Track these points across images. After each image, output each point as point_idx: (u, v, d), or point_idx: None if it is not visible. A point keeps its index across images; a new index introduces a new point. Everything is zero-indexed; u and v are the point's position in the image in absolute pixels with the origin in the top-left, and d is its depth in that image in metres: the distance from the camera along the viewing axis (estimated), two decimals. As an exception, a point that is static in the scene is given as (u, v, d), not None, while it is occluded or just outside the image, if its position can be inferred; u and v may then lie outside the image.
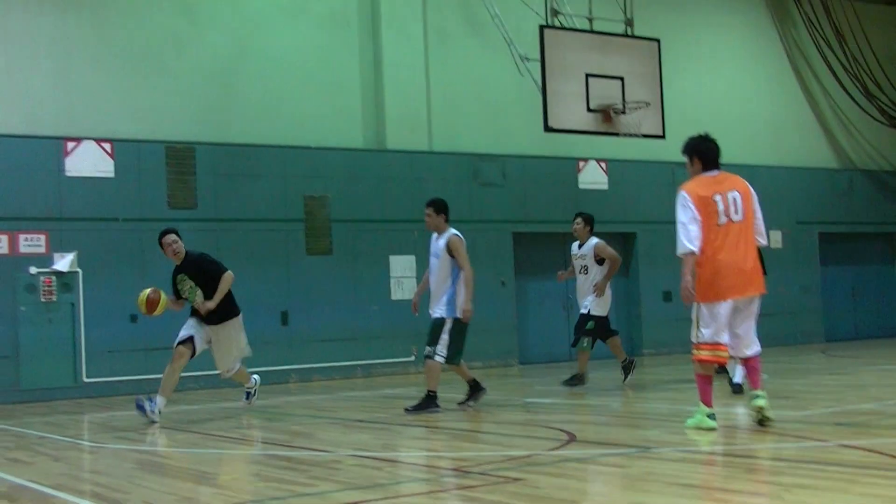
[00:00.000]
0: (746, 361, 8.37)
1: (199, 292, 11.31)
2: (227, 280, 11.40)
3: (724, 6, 23.14)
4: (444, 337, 10.71)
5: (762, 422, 8.09)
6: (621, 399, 12.25)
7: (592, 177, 20.69)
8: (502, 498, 5.89)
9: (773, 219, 21.57)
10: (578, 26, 17.28)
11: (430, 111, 19.25)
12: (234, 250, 16.86)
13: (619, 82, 16.78)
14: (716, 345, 8.12)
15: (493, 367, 18.40)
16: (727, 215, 8.14)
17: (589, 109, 16.52)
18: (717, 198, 8.19)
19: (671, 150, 20.72)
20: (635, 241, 21.16)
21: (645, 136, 17.15)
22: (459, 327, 10.76)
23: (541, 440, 8.45)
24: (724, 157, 21.69)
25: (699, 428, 8.21)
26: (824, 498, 5.52)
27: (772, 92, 23.55)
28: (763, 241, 8.42)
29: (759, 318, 8.39)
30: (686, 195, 8.24)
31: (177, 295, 11.48)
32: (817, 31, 23.86)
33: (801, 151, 23.62)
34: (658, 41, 17.54)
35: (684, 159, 8.89)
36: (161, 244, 11.46)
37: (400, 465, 7.63)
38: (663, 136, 17.54)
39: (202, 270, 11.41)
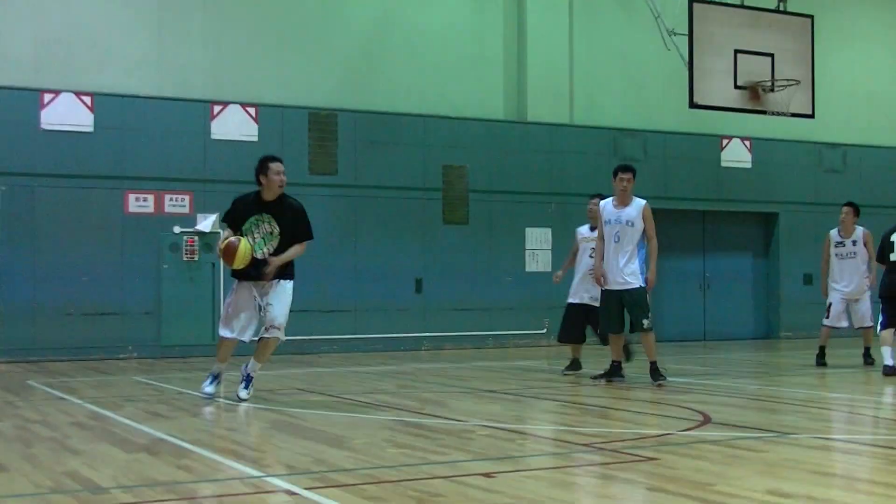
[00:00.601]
0: None
1: (271, 244, 9.43)
2: (304, 249, 9.59)
3: (882, -17, 22.37)
4: (648, 305, 10.97)
5: None
6: (757, 382, 12.01)
7: (736, 155, 20.26)
8: (636, 476, 5.82)
9: None
10: (730, 1, 16.90)
11: (573, 83, 19.08)
12: (372, 217, 17.07)
13: (768, 59, 16.40)
14: None
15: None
16: None
17: (736, 86, 16.20)
18: None
19: (819, 129, 20.34)
20: (777, 222, 20.66)
21: (793, 114, 16.74)
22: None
23: (675, 419, 8.33)
24: (877, 139, 21.09)
25: None
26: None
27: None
28: None
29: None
30: None
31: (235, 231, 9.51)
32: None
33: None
34: (811, 17, 17.07)
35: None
36: (267, 169, 9.42)
37: (532, 438, 7.60)
38: (812, 116, 17.11)
39: (296, 223, 9.49)
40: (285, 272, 9.46)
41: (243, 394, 9.50)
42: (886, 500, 5.20)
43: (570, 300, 12.37)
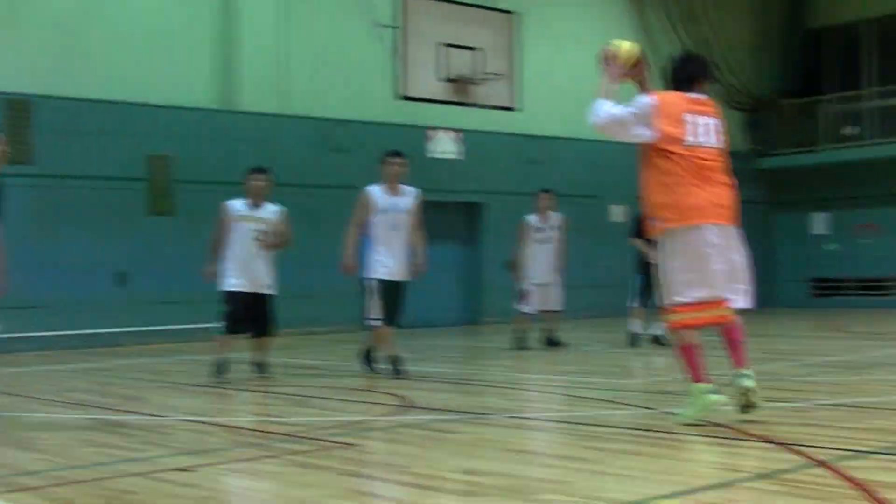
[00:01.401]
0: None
1: None
2: None
3: (581, -17, 23.41)
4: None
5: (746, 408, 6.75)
6: (460, 366, 12.37)
7: (443, 146, 20.73)
8: (333, 463, 5.88)
9: (616, 195, 22.25)
10: (436, -6, 17.28)
11: (286, 73, 18.92)
12: (72, 209, 16.41)
13: (474, 53, 16.86)
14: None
15: (335, 333, 18.32)
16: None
17: (443, 79, 16.58)
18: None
19: (523, 122, 21.09)
20: (482, 212, 21.30)
21: (497, 107, 17.29)
22: None
23: (377, 405, 8.46)
24: (575, 132, 21.89)
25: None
26: (648, 462, 5.68)
27: (621, 69, 23.91)
28: None
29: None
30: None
31: None
32: (672, 10, 24.37)
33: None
34: (516, 14, 17.65)
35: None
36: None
37: (233, 431, 7.54)
38: (515, 109, 17.71)
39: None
40: None
41: None
42: (566, 472, 5.48)
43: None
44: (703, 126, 6.94)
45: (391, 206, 10.78)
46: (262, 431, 7.42)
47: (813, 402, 8.14)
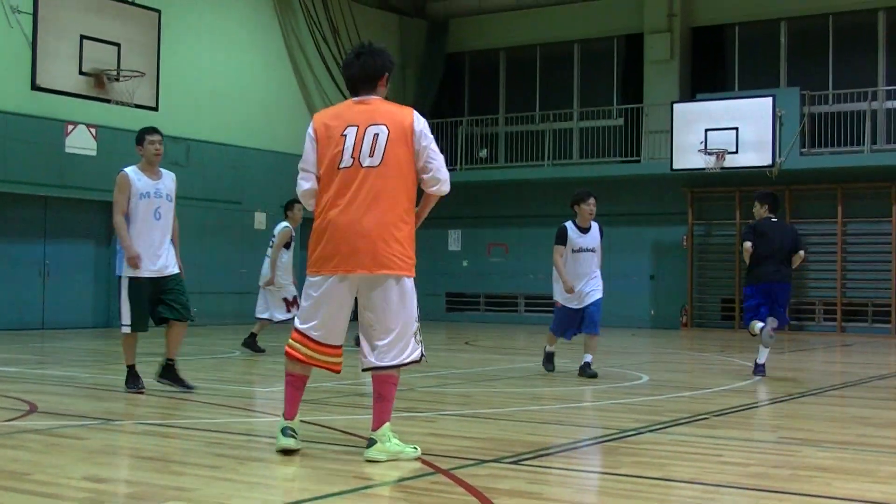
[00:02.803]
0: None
1: None
2: None
3: (228, -15, 23.28)
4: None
5: None
6: (91, 370, 11.97)
7: (81, 141, 19.95)
8: (-54, 470, 5.55)
9: (259, 201, 22.29)
10: (75, -15, 16.67)
11: None
12: None
13: (115, 48, 16.43)
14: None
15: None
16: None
17: (81, 72, 16.03)
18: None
19: (164, 122, 20.58)
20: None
21: (137, 105, 16.91)
22: None
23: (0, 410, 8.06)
24: (217, 136, 21.85)
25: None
26: (276, 470, 5.77)
27: (267, 77, 24.01)
28: None
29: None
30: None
31: None
32: (315, 23, 24.72)
33: (289, 137, 24.23)
34: (158, 11, 17.36)
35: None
36: None
37: None
38: (156, 108, 17.39)
39: None
40: None
41: None
42: (193, 480, 5.45)
43: None
44: (365, 141, 6.08)
45: (154, 190, 9.30)
46: None
47: (440, 412, 8.50)
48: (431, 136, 6.15)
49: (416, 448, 6.06)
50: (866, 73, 23.64)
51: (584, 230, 11.55)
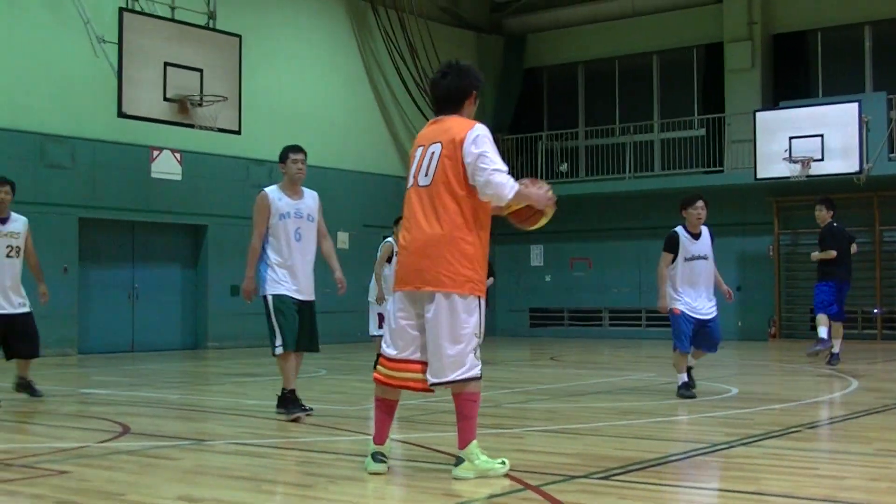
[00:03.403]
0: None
1: None
2: None
3: (306, 9, 23.52)
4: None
5: None
6: (180, 391, 12.14)
7: (166, 167, 20.31)
8: (45, 491, 5.66)
9: (341, 221, 22.45)
10: (160, 13, 17.00)
11: (-2, 86, 18.12)
12: None
13: (197, 74, 16.67)
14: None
15: (50, 357, 17.61)
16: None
17: (165, 98, 16.30)
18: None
19: (246, 145, 20.97)
20: (206, 234, 21.02)
21: (221, 130, 17.15)
22: None
23: (93, 431, 8.20)
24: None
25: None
26: (366, 488, 5.79)
27: (347, 98, 24.22)
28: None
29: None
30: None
31: None
32: (392, 43, 24.87)
33: (370, 157, 24.43)
34: (239, 37, 17.59)
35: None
36: None
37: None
38: (239, 132, 17.62)
39: None
40: None
41: None
42: (285, 499, 5.49)
43: None
44: (425, 160, 6.13)
45: (294, 210, 9.23)
46: (-33, 460, 7.04)
47: (527, 428, 8.46)
48: (487, 146, 5.99)
49: (504, 462, 6.04)
50: (955, 76, 23.15)
51: (696, 236, 10.66)
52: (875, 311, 22.28)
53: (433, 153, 6.03)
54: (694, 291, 10.55)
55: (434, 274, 5.95)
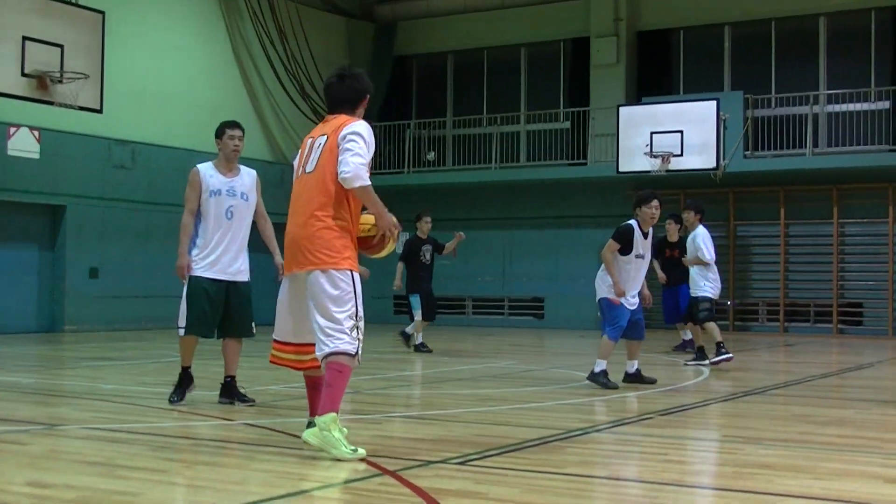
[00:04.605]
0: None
1: None
2: None
3: (174, -13, 23.11)
4: None
5: None
6: (34, 375, 11.84)
7: (23, 144, 19.70)
8: None
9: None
10: (20, -15, 16.50)
11: None
12: None
13: (58, 50, 16.27)
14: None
15: None
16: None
17: (23, 74, 15.86)
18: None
19: (109, 124, 20.51)
20: (64, 215, 20.48)
21: (81, 108, 16.76)
22: None
23: (-61, 417, 7.95)
24: (163, 139, 21.59)
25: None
26: (223, 473, 5.74)
27: (214, 79, 23.86)
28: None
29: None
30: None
31: None
32: (262, 26, 24.60)
33: (237, 141, 24.13)
34: (103, 13, 17.21)
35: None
36: None
37: None
38: (100, 111, 17.25)
39: None
40: None
41: None
42: (139, 484, 5.42)
43: None
44: (314, 151, 6.36)
45: (227, 188, 8.83)
46: None
47: (386, 414, 8.50)
48: (358, 139, 6.20)
49: (356, 450, 6.05)
50: (808, 78, 23.94)
51: (645, 235, 10.70)
52: (729, 303, 22.95)
53: (319, 144, 6.33)
54: (633, 288, 10.65)
55: (308, 254, 6.21)
